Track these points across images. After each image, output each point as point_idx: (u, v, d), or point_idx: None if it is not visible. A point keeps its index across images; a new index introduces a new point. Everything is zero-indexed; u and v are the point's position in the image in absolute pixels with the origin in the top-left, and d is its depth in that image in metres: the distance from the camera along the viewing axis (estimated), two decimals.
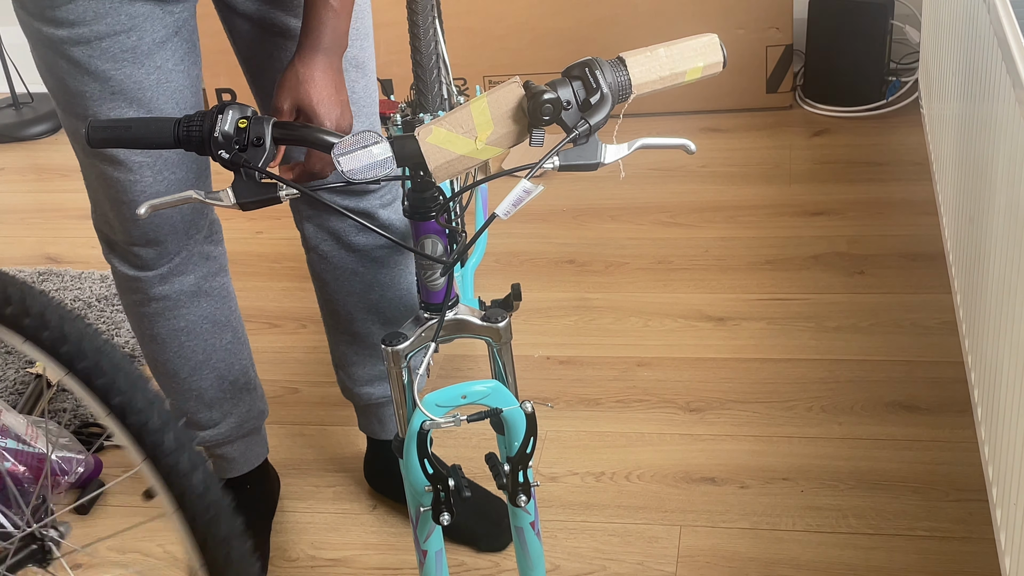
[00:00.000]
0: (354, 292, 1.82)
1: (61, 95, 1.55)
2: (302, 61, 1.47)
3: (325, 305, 1.88)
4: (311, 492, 2.09)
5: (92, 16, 1.47)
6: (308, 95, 1.45)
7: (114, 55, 1.50)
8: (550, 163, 1.20)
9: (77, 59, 1.49)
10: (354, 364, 1.91)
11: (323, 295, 1.87)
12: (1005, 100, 1.62)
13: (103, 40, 1.48)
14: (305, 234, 1.81)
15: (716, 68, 1.22)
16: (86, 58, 1.49)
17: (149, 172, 1.58)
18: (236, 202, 1.23)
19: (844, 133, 3.09)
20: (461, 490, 1.37)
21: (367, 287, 1.82)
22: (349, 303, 1.84)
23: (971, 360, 1.98)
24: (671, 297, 2.50)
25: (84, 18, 1.47)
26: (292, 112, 1.46)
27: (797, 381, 2.21)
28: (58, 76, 1.52)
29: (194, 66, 1.59)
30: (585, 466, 2.07)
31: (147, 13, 1.50)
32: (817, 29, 3.17)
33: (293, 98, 1.45)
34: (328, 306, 1.87)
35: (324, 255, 1.80)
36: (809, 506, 1.92)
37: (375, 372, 1.91)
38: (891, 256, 2.54)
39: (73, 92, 1.52)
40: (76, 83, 1.51)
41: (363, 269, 1.80)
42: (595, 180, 2.93)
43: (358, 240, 1.77)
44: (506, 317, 1.36)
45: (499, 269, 2.66)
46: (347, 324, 1.87)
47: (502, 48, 3.24)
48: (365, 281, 1.81)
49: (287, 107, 1.45)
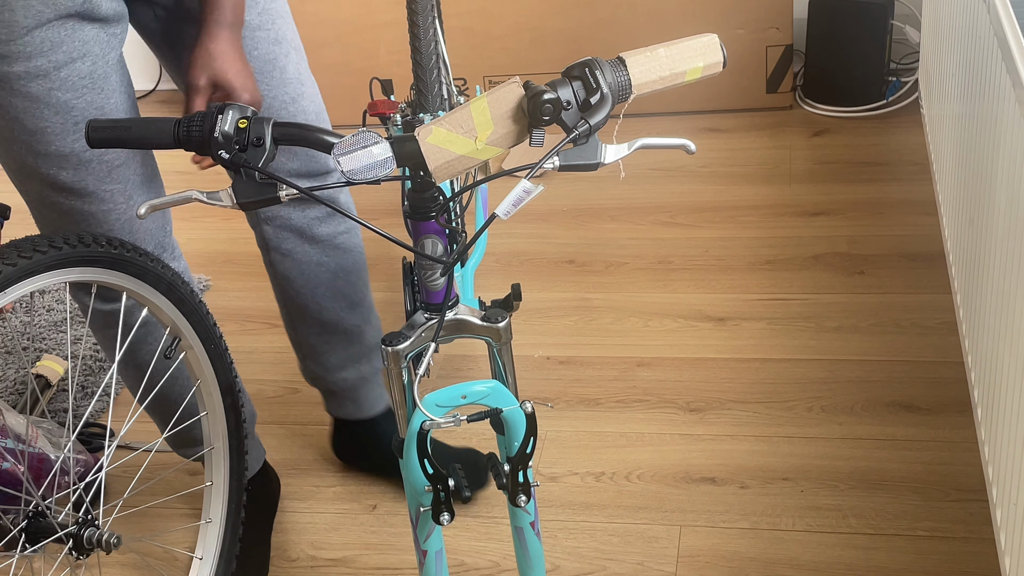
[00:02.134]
0: (322, 283, 1.87)
1: (13, 136, 1.50)
2: (211, 38, 1.51)
3: (290, 301, 1.91)
4: (311, 492, 2.09)
5: (48, 46, 1.45)
6: (223, 69, 1.51)
7: (74, 84, 1.48)
8: (550, 163, 1.20)
9: (36, 95, 1.47)
10: (325, 353, 1.95)
11: (288, 292, 1.90)
12: (1005, 100, 1.62)
13: (61, 70, 1.47)
14: (264, 236, 1.84)
15: (716, 68, 1.22)
16: (45, 92, 1.47)
17: (121, 199, 1.58)
18: (236, 202, 1.23)
19: (844, 133, 3.09)
20: (461, 490, 1.36)
21: (333, 275, 1.87)
22: (318, 294, 1.88)
23: (971, 360, 1.98)
24: (671, 297, 2.50)
25: (41, 49, 1.45)
26: (209, 87, 1.51)
27: (797, 381, 2.21)
28: (11, 117, 1.48)
29: (131, 86, 1.60)
30: (585, 466, 2.07)
31: (94, 38, 1.49)
32: (817, 29, 3.17)
33: (208, 75, 1.51)
34: (294, 302, 1.91)
35: (288, 252, 1.84)
36: (809, 506, 1.92)
37: (347, 356, 1.96)
38: (891, 256, 2.54)
39: (31, 130, 1.49)
40: (34, 120, 1.48)
41: (327, 259, 1.85)
42: (595, 180, 2.93)
43: (321, 231, 1.82)
44: (506, 317, 1.36)
45: (499, 269, 2.66)
46: (316, 315, 1.91)
47: (502, 48, 3.24)
48: (330, 270, 1.87)
49: (203, 83, 1.51)
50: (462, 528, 1.96)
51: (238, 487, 1.82)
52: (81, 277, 1.47)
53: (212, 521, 1.79)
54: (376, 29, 3.20)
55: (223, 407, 1.76)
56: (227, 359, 1.75)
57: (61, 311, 2.67)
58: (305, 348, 1.97)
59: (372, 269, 2.69)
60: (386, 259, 2.71)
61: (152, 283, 1.58)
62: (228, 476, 1.80)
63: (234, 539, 1.82)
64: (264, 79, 1.67)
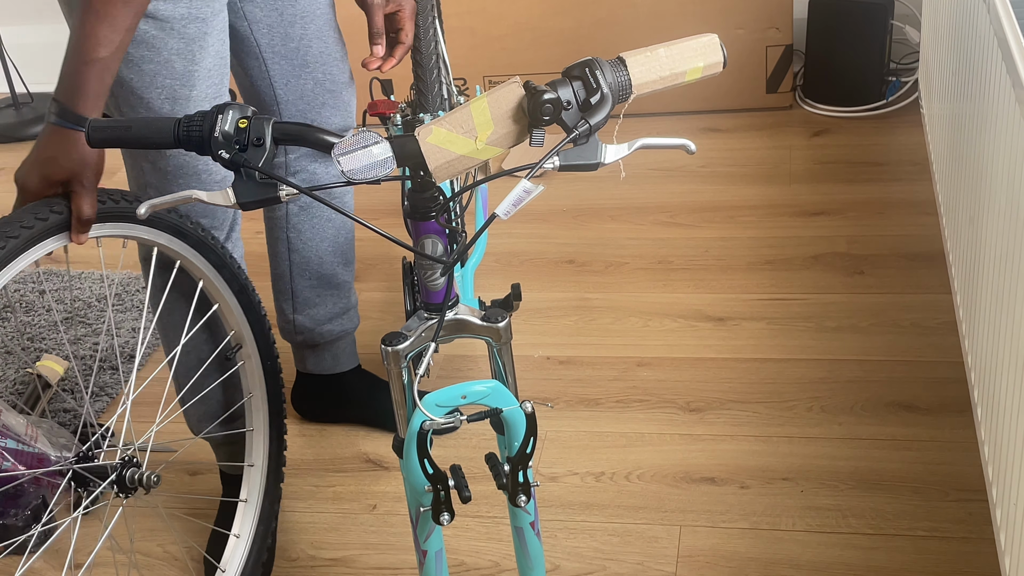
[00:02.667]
0: (327, 237, 2.00)
1: (156, 82, 1.57)
2: None
3: (295, 254, 2.01)
4: (311, 492, 2.09)
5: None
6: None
7: (219, 32, 1.59)
8: (550, 163, 1.20)
9: (192, 36, 1.55)
10: (317, 305, 2.06)
11: (296, 244, 2.00)
12: (1005, 100, 1.62)
13: (216, 17, 1.58)
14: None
15: (716, 68, 1.22)
16: (201, 35, 1.56)
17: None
18: (236, 202, 1.23)
19: (844, 133, 3.09)
20: (461, 490, 1.36)
21: (336, 231, 2.01)
22: (322, 248, 2.01)
23: (971, 360, 1.98)
24: (671, 297, 2.50)
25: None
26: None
27: (797, 381, 2.21)
28: (163, 59, 1.55)
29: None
30: (585, 466, 2.07)
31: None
32: (817, 29, 3.17)
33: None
34: (300, 254, 2.01)
35: (305, 206, 1.96)
36: (809, 506, 1.92)
37: (337, 309, 2.08)
38: (891, 256, 2.54)
39: (180, 73, 1.56)
40: (184, 63, 1.56)
41: (335, 216, 1.98)
42: (595, 180, 2.93)
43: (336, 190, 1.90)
44: (506, 317, 1.36)
45: (499, 269, 2.66)
46: (317, 267, 2.02)
47: (502, 48, 3.24)
48: (335, 226, 2.00)
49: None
50: (462, 528, 1.96)
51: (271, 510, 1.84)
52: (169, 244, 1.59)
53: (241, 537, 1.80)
54: None
55: (267, 427, 1.78)
56: (281, 381, 1.78)
57: (61, 311, 2.67)
58: (299, 300, 2.06)
59: (372, 269, 2.69)
60: (386, 259, 2.72)
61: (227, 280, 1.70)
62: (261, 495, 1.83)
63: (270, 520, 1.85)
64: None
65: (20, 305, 2.70)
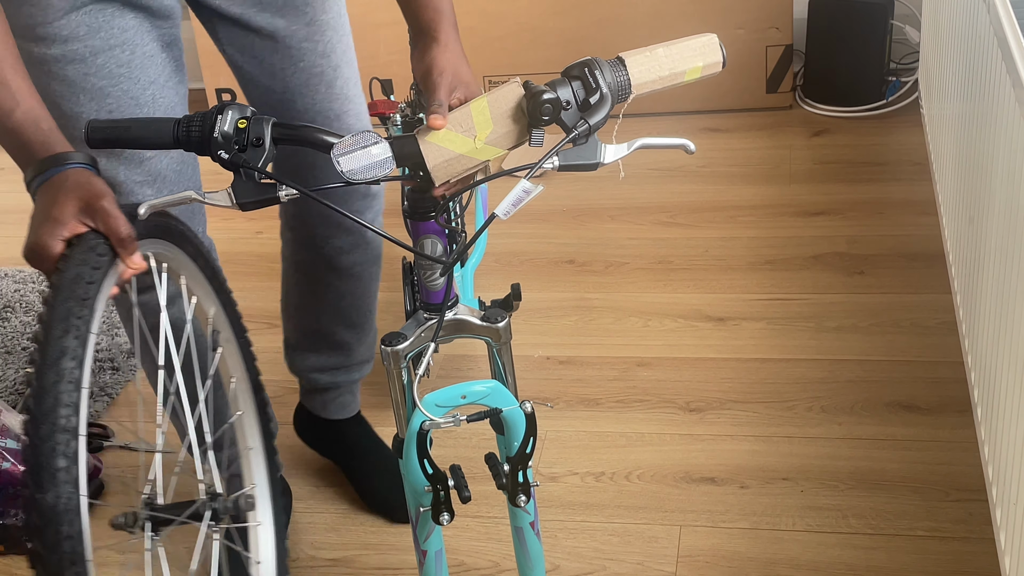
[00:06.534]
0: (329, 303, 1.89)
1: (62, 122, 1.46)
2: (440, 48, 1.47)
3: (290, 300, 1.94)
4: (311, 492, 2.09)
5: (85, 31, 1.45)
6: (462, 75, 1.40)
7: (110, 72, 1.48)
8: (550, 163, 1.20)
9: (72, 79, 1.47)
10: (308, 353, 1.98)
11: (292, 295, 1.93)
12: (1005, 100, 1.62)
13: (98, 56, 1.46)
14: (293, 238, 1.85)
15: (716, 68, 1.22)
16: (81, 77, 1.47)
17: (150, 190, 1.57)
18: (236, 202, 1.23)
19: (844, 133, 3.09)
20: (461, 490, 1.36)
21: (339, 296, 1.88)
22: (318, 309, 1.90)
23: (971, 360, 1.98)
24: (671, 297, 2.50)
25: (77, 33, 1.44)
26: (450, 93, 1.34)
27: (797, 381, 2.21)
28: (51, 101, 1.45)
29: (181, 84, 1.59)
30: (585, 466, 2.07)
31: (137, 26, 1.49)
32: (817, 29, 3.17)
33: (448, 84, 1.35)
34: (295, 299, 1.93)
35: (305, 270, 1.85)
36: (809, 506, 1.92)
37: (327, 363, 1.97)
38: (891, 256, 2.54)
39: (68, 115, 1.48)
40: (71, 105, 1.48)
41: (339, 283, 1.85)
42: (595, 180, 2.93)
43: (342, 261, 1.82)
44: (506, 317, 1.36)
45: (499, 269, 2.66)
46: (311, 321, 1.93)
47: (502, 48, 3.24)
48: (339, 292, 1.87)
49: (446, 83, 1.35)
50: (462, 528, 1.96)
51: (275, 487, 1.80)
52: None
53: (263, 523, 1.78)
54: (376, 29, 3.20)
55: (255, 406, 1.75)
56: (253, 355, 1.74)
57: None
58: (294, 339, 2.00)
59: None
60: (386, 259, 2.70)
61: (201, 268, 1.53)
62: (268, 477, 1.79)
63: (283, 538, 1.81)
64: (309, 92, 1.65)
65: (20, 305, 2.70)
